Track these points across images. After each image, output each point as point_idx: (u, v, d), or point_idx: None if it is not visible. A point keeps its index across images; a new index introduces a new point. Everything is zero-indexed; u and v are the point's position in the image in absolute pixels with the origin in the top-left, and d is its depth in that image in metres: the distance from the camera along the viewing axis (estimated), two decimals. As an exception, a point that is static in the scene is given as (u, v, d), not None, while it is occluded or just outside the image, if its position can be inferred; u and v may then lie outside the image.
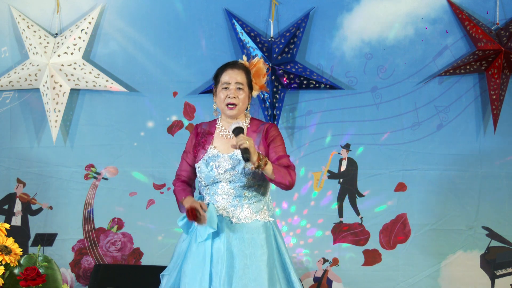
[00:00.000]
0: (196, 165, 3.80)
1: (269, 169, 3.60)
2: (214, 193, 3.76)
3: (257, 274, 3.63)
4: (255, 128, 3.83)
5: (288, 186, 3.68)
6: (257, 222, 3.75)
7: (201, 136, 3.85)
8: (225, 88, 3.78)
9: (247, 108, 3.85)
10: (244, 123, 3.81)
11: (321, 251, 5.58)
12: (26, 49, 5.49)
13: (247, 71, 3.84)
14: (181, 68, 5.58)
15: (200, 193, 3.88)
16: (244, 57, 3.94)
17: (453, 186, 5.58)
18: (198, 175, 3.81)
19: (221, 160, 3.74)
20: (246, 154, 3.52)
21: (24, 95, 5.57)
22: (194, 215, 3.62)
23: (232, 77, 3.79)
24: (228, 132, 3.81)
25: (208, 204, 3.74)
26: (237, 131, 3.62)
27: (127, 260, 5.56)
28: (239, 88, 3.78)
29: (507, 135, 5.57)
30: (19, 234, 5.51)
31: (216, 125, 3.86)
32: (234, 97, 3.76)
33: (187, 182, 3.89)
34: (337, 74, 5.57)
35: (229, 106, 3.77)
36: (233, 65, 3.84)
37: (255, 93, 3.89)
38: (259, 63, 3.90)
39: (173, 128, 5.59)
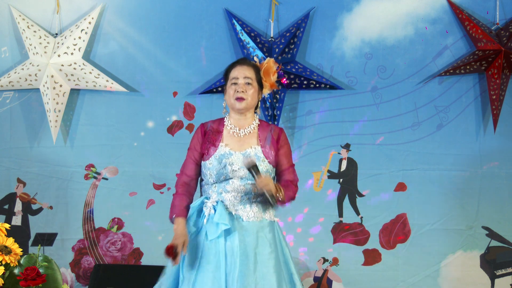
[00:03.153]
0: (207, 162, 3.77)
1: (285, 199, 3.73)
2: (223, 190, 3.74)
3: (266, 273, 3.64)
4: (265, 127, 3.85)
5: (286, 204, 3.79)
6: (264, 221, 3.76)
7: (210, 134, 3.84)
8: (234, 83, 3.79)
9: (257, 106, 3.85)
10: (254, 123, 3.83)
11: (321, 251, 5.58)
12: (26, 49, 5.49)
13: (256, 67, 3.87)
14: (181, 68, 5.58)
15: (202, 193, 3.86)
16: (256, 59, 3.98)
17: (453, 186, 5.58)
18: (206, 172, 3.77)
19: (234, 157, 3.73)
20: (273, 199, 3.63)
21: (24, 95, 5.57)
22: (172, 253, 3.63)
23: (240, 72, 3.79)
24: (239, 129, 3.81)
25: (216, 202, 3.74)
26: (255, 169, 3.65)
27: (127, 260, 5.56)
28: (248, 83, 3.78)
29: (507, 135, 5.56)
30: (19, 234, 5.51)
31: (224, 123, 3.86)
32: (243, 91, 3.76)
33: (189, 184, 3.84)
34: (337, 74, 5.57)
35: (238, 99, 3.76)
36: (242, 61, 3.87)
37: (266, 91, 3.90)
38: (269, 62, 3.93)
39: (173, 128, 5.59)
